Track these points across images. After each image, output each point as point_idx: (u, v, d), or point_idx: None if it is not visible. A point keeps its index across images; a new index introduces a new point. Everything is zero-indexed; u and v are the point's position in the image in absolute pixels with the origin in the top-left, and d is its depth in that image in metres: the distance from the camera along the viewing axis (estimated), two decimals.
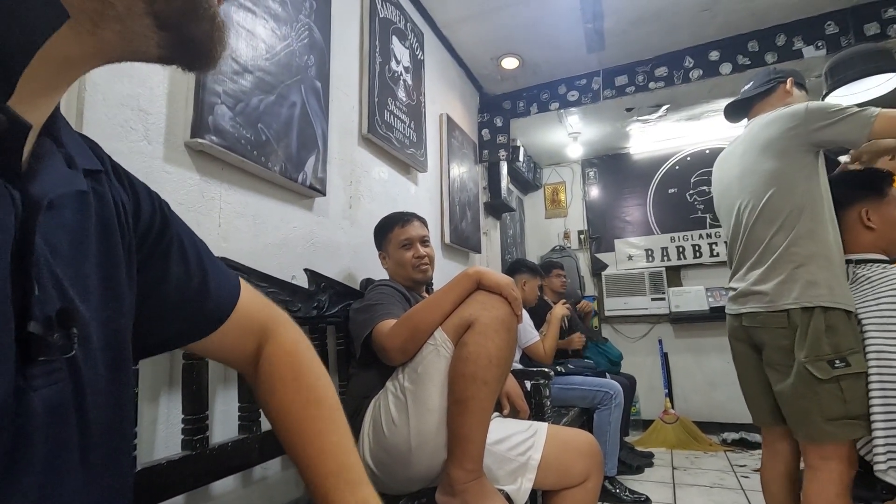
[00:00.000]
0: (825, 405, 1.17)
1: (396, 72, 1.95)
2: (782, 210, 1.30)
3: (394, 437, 1.03)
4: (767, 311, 1.29)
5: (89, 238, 0.36)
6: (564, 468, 1.13)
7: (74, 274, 0.34)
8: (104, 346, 0.36)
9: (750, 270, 1.37)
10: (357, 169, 1.69)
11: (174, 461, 0.83)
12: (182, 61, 0.36)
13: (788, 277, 1.26)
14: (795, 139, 1.29)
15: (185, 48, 0.35)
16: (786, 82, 1.48)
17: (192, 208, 1.05)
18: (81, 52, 0.31)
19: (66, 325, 0.31)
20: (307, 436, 0.51)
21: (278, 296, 1.15)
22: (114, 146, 0.89)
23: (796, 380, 1.22)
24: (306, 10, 1.41)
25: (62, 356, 0.31)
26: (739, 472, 2.60)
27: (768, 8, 2.32)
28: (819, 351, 1.19)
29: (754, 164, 1.37)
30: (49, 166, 0.31)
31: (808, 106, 1.29)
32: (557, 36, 2.49)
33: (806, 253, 1.25)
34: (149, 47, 0.33)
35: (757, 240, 1.35)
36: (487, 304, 1.05)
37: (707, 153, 3.71)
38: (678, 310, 3.53)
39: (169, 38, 0.33)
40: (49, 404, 0.30)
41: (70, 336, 0.31)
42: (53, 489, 0.31)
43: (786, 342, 1.25)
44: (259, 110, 1.20)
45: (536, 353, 2.33)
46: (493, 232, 3.22)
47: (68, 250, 0.33)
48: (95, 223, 0.37)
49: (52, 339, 0.29)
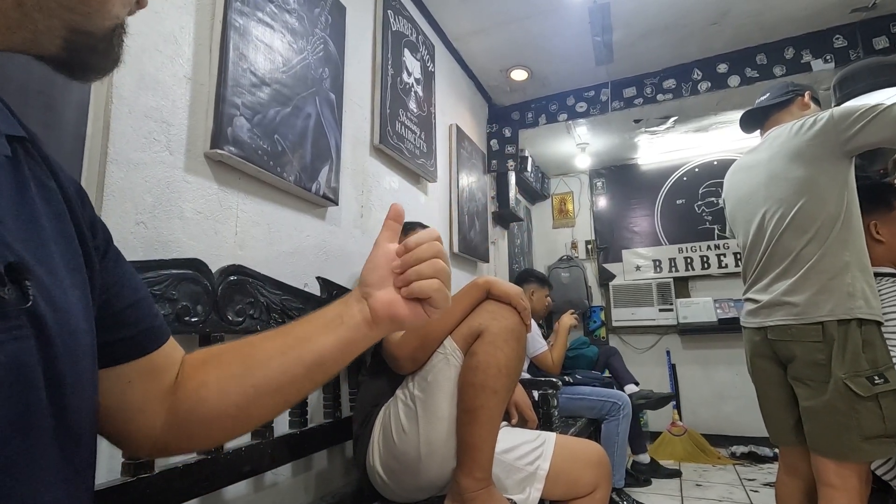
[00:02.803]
0: (865, 423, 1.14)
1: (408, 83, 1.98)
2: (815, 219, 1.26)
3: (403, 444, 1.04)
4: (800, 324, 1.24)
5: (31, 200, 0.34)
6: (573, 478, 1.13)
7: (21, 234, 0.32)
8: (71, 304, 0.34)
9: (776, 281, 1.32)
10: (369, 179, 1.72)
11: (190, 465, 0.85)
12: (77, 72, 0.36)
13: (823, 288, 1.22)
14: (827, 146, 1.26)
15: (88, 56, 0.35)
16: (804, 95, 1.48)
17: (211, 217, 1.07)
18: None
19: (18, 279, 0.29)
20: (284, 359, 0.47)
21: (291, 303, 1.17)
22: (138, 157, 0.92)
23: (833, 396, 1.17)
24: (322, 25, 1.45)
25: (19, 307, 0.29)
26: (749, 486, 2.57)
27: (777, 22, 2.34)
28: (858, 367, 1.15)
29: (784, 171, 1.33)
30: None
31: (833, 112, 1.26)
32: (566, 48, 2.52)
33: (840, 263, 1.22)
34: (53, 51, 0.34)
35: (785, 249, 1.30)
36: (497, 313, 1.06)
37: (715, 164, 3.71)
38: (686, 321, 3.52)
39: (72, 55, 0.34)
40: (11, 360, 0.28)
41: (24, 288, 0.29)
42: (23, 463, 0.29)
43: (820, 356, 1.20)
44: (276, 122, 1.23)
45: (545, 363, 2.33)
46: (500, 241, 3.23)
47: (9, 211, 0.32)
48: (34, 187, 0.35)
49: (4, 293, 0.28)
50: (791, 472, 1.40)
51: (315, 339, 0.48)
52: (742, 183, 1.50)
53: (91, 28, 0.33)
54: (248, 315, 1.04)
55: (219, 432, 0.49)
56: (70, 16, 0.32)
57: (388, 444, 1.07)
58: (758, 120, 1.56)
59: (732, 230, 1.59)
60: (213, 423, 0.47)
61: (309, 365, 0.47)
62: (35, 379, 0.30)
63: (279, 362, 0.47)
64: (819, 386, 1.21)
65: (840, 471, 1.18)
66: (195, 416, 0.46)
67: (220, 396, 0.46)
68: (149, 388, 0.45)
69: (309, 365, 0.47)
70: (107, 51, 0.35)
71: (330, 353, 0.48)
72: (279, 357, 0.47)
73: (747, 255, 1.46)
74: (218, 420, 0.47)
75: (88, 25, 0.33)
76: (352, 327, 0.49)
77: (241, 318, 1.02)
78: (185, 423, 0.47)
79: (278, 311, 1.13)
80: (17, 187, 0.33)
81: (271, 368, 0.47)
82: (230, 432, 0.50)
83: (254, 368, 0.47)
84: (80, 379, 0.34)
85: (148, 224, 0.93)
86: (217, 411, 0.46)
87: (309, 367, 0.48)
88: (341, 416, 1.32)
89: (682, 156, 3.85)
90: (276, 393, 0.47)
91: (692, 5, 2.24)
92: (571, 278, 3.85)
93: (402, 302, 0.49)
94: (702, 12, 2.28)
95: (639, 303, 3.79)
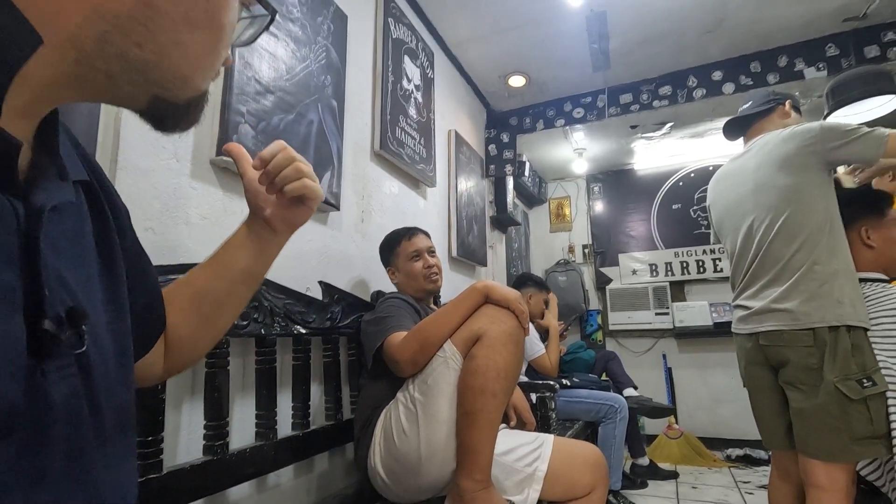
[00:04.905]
0: (855, 425, 1.17)
1: (408, 90, 2.01)
2: (804, 227, 1.29)
3: (404, 446, 1.06)
4: (792, 329, 1.27)
5: (89, 245, 0.38)
6: (570, 480, 1.15)
7: (79, 277, 0.35)
8: (112, 348, 0.38)
9: (766, 288, 1.35)
10: (369, 184, 1.74)
11: (196, 466, 0.87)
12: (158, 125, 0.39)
13: (813, 296, 1.25)
14: (813, 156, 1.30)
15: (167, 118, 0.38)
16: (784, 104, 1.52)
17: (216, 222, 1.09)
18: (73, 94, 0.34)
19: (76, 323, 0.32)
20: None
21: (294, 307, 1.19)
22: (146, 164, 0.94)
23: (825, 399, 1.20)
24: (324, 33, 1.48)
25: (73, 352, 0.32)
26: (744, 489, 2.60)
27: (771, 30, 2.38)
28: (848, 370, 1.19)
29: (772, 179, 1.36)
30: (45, 178, 0.33)
31: (822, 125, 1.31)
32: (564, 55, 2.55)
33: (830, 271, 1.25)
34: (138, 108, 0.37)
35: (774, 257, 1.33)
36: (496, 317, 1.09)
37: (710, 170, 3.74)
38: (682, 325, 3.55)
39: (154, 114, 0.37)
40: (64, 397, 0.31)
41: (80, 333, 0.33)
42: (78, 473, 0.33)
43: (812, 360, 1.23)
44: (279, 129, 1.25)
45: (543, 366, 2.36)
46: (498, 245, 3.26)
47: (71, 255, 0.35)
48: (92, 230, 0.39)
49: (65, 337, 0.31)
50: (783, 476, 1.42)
51: (236, 258, 0.57)
52: (728, 190, 1.53)
53: (172, 99, 0.36)
54: (252, 319, 1.06)
55: (201, 348, 0.60)
56: (156, 89, 0.35)
57: (388, 445, 1.09)
58: (741, 128, 1.60)
59: (719, 237, 1.62)
60: (193, 345, 0.58)
61: (241, 279, 0.58)
62: (83, 412, 0.33)
63: (217, 287, 0.57)
64: (811, 389, 1.24)
65: (829, 472, 1.21)
66: (179, 349, 0.57)
67: (188, 330, 0.57)
68: (157, 354, 0.55)
69: (241, 279, 0.58)
70: (186, 116, 0.38)
71: (253, 264, 0.58)
72: (215, 283, 0.57)
73: (736, 262, 1.49)
74: (195, 342, 0.58)
75: (171, 97, 0.36)
76: (261, 238, 0.58)
77: (246, 322, 1.04)
78: (174, 356, 0.57)
79: (281, 315, 1.14)
80: (77, 232, 0.37)
81: (213, 294, 0.57)
82: (208, 344, 0.61)
83: (200, 301, 0.57)
84: (115, 406, 0.38)
85: (156, 230, 0.95)
86: (192, 337, 0.57)
87: (242, 281, 0.58)
88: (343, 419, 1.34)
89: (677, 161, 3.89)
90: (226, 307, 0.58)
91: (688, 14, 2.28)
92: (569, 282, 3.88)
93: (285, 206, 0.57)
94: (698, 21, 2.32)
95: (635, 307, 3.82)
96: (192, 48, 0.35)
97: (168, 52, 0.34)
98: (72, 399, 0.32)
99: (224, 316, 0.59)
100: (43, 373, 0.30)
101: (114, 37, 0.32)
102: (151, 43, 0.33)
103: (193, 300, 0.56)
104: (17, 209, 0.30)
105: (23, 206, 0.30)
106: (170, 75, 0.35)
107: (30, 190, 0.31)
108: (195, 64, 0.36)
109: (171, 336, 0.56)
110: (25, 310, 0.29)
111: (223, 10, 0.37)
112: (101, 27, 0.31)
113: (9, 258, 0.29)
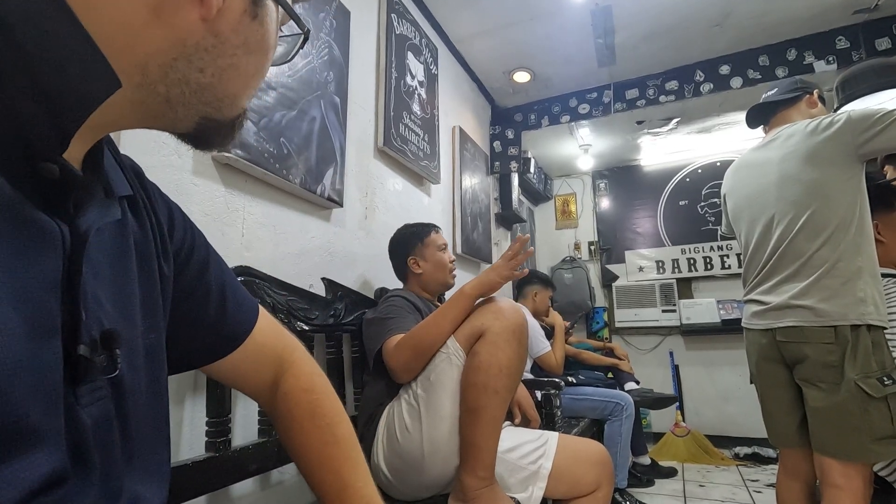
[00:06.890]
0: (875, 424, 1.14)
1: (411, 86, 2.00)
2: (829, 222, 1.25)
3: (407, 443, 1.06)
4: (813, 326, 1.24)
5: (129, 261, 0.39)
6: (575, 477, 1.14)
7: (116, 295, 0.36)
8: (143, 363, 0.39)
9: (784, 283, 1.31)
10: (373, 181, 1.74)
11: (199, 462, 0.87)
12: (200, 144, 0.40)
13: (835, 293, 1.22)
14: (842, 148, 1.24)
15: (213, 136, 0.39)
16: (812, 93, 1.46)
17: (218, 219, 1.09)
18: (129, 120, 0.35)
19: (110, 346, 0.33)
20: (327, 472, 0.54)
21: (297, 304, 1.19)
22: (147, 160, 0.93)
23: (846, 397, 1.17)
24: (326, 29, 1.47)
25: (105, 377, 0.33)
26: (752, 487, 2.57)
27: (779, 23, 2.35)
28: (869, 369, 1.16)
29: (798, 172, 1.31)
30: (92, 198, 0.34)
31: (849, 113, 1.25)
32: (569, 50, 2.53)
33: (853, 268, 1.22)
34: (184, 130, 0.38)
35: (796, 252, 1.29)
36: (499, 313, 1.08)
37: (718, 165, 3.71)
38: (689, 322, 3.51)
39: (199, 135, 0.38)
40: (96, 419, 0.32)
41: (114, 357, 0.33)
42: (111, 492, 0.34)
43: (832, 358, 1.20)
44: (281, 125, 1.25)
45: (548, 364, 2.34)
46: (503, 242, 3.24)
47: (110, 273, 0.36)
48: (134, 247, 0.40)
49: (98, 361, 0.32)
50: (792, 474, 1.40)
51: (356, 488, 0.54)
52: (749, 180, 1.47)
53: (220, 118, 0.37)
54: None
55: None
56: (206, 109, 0.35)
57: (392, 442, 1.09)
58: (764, 115, 1.53)
59: (732, 227, 1.57)
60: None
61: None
62: (114, 435, 0.35)
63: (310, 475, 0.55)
64: (831, 387, 1.21)
65: (845, 471, 1.18)
66: (282, 419, 0.56)
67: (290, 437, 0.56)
68: (245, 378, 0.56)
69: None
70: (228, 133, 0.39)
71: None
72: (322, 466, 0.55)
73: (751, 255, 1.44)
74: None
75: (219, 116, 0.37)
76: None
77: None
78: (276, 414, 0.57)
79: (284, 312, 1.14)
80: (119, 253, 0.38)
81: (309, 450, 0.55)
82: None
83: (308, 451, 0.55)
84: (142, 425, 0.39)
85: None
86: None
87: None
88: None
89: (684, 157, 3.85)
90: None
91: (694, 7, 2.25)
92: (574, 279, 3.86)
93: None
94: (704, 14, 2.29)
95: (642, 304, 3.80)
96: (244, 70, 0.36)
97: (226, 75, 0.35)
98: (103, 422, 0.33)
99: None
100: (76, 396, 0.31)
101: (180, 63, 0.32)
102: (212, 67, 0.34)
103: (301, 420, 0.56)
104: (64, 232, 0.30)
105: (69, 229, 0.31)
106: (221, 94, 0.36)
107: (77, 213, 0.32)
108: (245, 84, 0.37)
109: (281, 406, 0.56)
110: (62, 333, 0.30)
111: (274, 35, 0.38)
112: (170, 55, 0.32)
113: (53, 283, 0.29)
